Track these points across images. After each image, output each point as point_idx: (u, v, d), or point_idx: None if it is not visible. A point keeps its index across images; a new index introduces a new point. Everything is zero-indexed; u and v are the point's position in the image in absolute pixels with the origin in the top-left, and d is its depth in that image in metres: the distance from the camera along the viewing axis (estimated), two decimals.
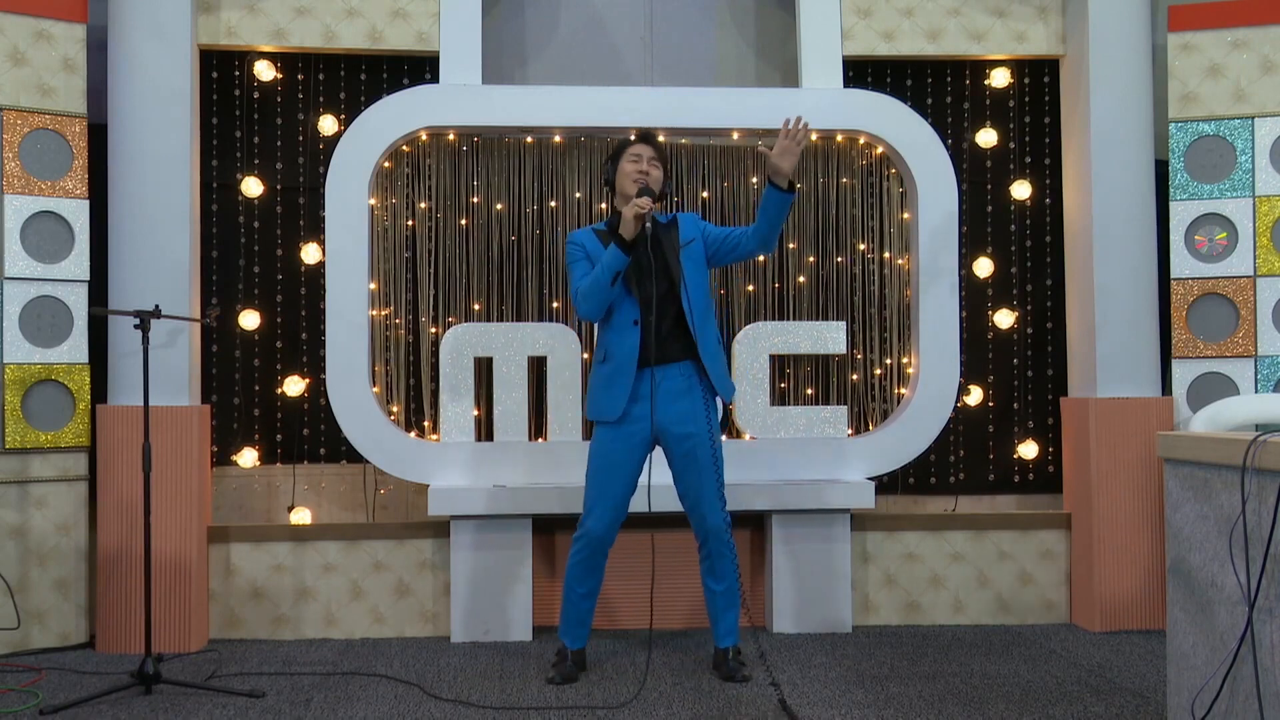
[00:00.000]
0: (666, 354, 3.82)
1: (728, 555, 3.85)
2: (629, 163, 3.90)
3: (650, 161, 3.89)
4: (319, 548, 4.60)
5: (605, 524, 3.82)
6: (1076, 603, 4.76)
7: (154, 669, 3.70)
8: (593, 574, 3.88)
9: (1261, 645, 2.54)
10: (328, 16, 4.67)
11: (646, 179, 3.84)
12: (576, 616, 3.93)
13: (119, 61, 4.42)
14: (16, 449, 4.27)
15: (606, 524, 3.83)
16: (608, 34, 5.12)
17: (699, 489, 3.81)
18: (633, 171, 3.87)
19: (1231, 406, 4.39)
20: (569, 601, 3.93)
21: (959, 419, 4.93)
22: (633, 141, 3.95)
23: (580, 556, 3.86)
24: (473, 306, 4.84)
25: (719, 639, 3.92)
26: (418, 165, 4.84)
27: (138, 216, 4.38)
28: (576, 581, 3.89)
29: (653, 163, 3.89)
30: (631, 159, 3.90)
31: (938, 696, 3.66)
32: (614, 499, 3.82)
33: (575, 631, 3.93)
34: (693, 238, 3.91)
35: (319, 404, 4.74)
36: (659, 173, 3.90)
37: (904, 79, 5.02)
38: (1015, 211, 5.06)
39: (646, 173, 3.86)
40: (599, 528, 3.82)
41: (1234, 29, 4.66)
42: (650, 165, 3.88)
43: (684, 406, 3.82)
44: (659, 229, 3.87)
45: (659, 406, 3.80)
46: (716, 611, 3.91)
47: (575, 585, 3.90)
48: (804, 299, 4.96)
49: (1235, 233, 4.63)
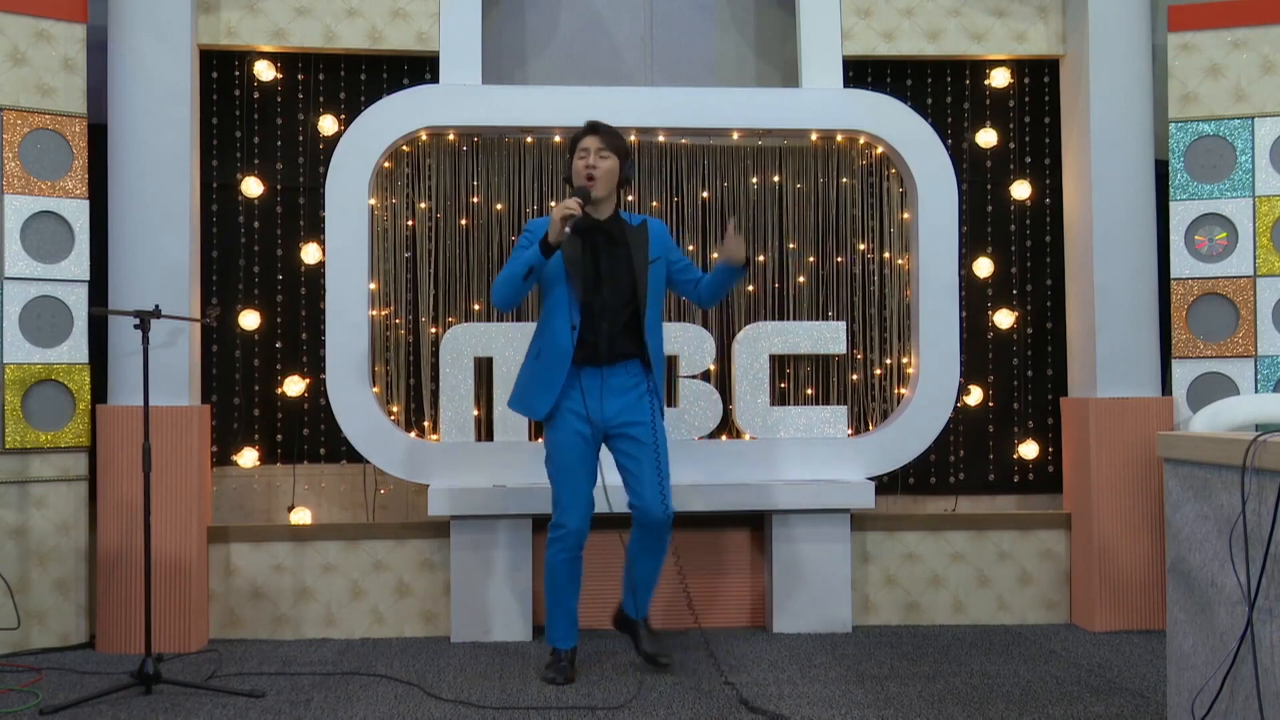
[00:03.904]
0: (615, 353, 3.81)
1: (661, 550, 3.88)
2: (578, 159, 3.82)
3: (598, 154, 3.79)
4: (319, 548, 4.60)
5: (580, 518, 3.80)
6: (1076, 603, 4.76)
7: (154, 669, 3.70)
8: (576, 571, 3.86)
9: (1261, 645, 2.54)
10: (328, 16, 4.67)
11: (594, 173, 3.76)
12: (566, 618, 3.89)
13: (119, 61, 4.42)
14: (16, 449, 4.27)
15: (580, 518, 3.80)
16: (608, 34, 5.12)
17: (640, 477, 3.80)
18: (581, 168, 3.79)
19: (1231, 406, 4.39)
20: (556, 603, 3.88)
21: (959, 419, 4.93)
22: (585, 133, 3.83)
23: (563, 556, 3.82)
24: (473, 306, 4.83)
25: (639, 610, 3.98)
26: (418, 165, 4.84)
27: (138, 216, 4.38)
28: (566, 580, 3.85)
29: (600, 154, 3.79)
30: (580, 154, 3.82)
31: (938, 696, 3.66)
32: (583, 493, 3.81)
33: (567, 633, 3.90)
34: (658, 257, 3.88)
35: (319, 404, 4.74)
36: (610, 162, 3.79)
37: (904, 79, 5.02)
38: (1015, 211, 5.06)
39: (594, 166, 3.77)
40: (574, 522, 3.79)
41: (1234, 29, 4.66)
42: (598, 158, 3.78)
43: (629, 400, 3.83)
44: (627, 230, 3.84)
45: (603, 403, 3.80)
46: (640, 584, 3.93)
47: (564, 585, 3.86)
48: (804, 299, 4.95)
49: (1235, 233, 4.63)
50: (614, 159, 3.81)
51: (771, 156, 4.97)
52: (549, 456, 3.86)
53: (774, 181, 4.96)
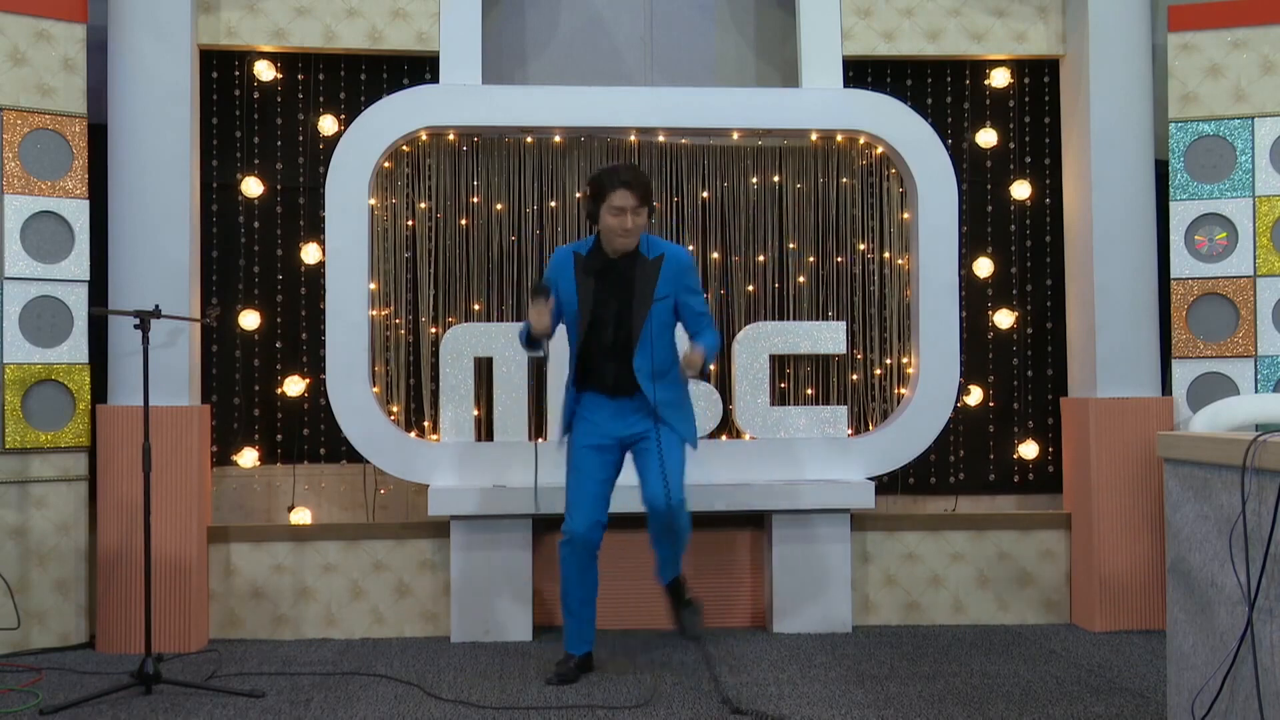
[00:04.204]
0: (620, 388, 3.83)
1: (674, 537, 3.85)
2: (611, 216, 3.72)
3: (634, 214, 3.72)
4: (319, 548, 4.60)
5: (584, 522, 3.80)
6: (1076, 603, 4.76)
7: (154, 669, 3.70)
8: (588, 578, 3.85)
9: (1261, 645, 2.54)
10: (328, 16, 4.67)
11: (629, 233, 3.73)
12: (575, 623, 3.90)
13: (119, 61, 4.42)
14: (16, 449, 4.27)
15: (585, 522, 3.80)
16: (608, 34, 5.12)
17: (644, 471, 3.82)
18: (617, 227, 3.73)
19: (1231, 406, 4.39)
20: (566, 608, 3.89)
21: (959, 419, 4.93)
22: (616, 185, 3.72)
23: (570, 561, 3.83)
24: (473, 306, 4.83)
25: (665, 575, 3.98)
26: (418, 165, 4.84)
27: (138, 216, 4.38)
28: (575, 585, 3.85)
29: (635, 214, 3.72)
30: (614, 212, 3.72)
31: (938, 696, 3.66)
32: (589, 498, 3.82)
33: (577, 638, 3.91)
34: (666, 295, 3.82)
35: (319, 404, 4.74)
36: (643, 219, 3.76)
37: (904, 79, 5.02)
38: (1015, 211, 5.06)
39: (630, 230, 3.73)
40: (579, 526, 3.80)
41: (1234, 29, 4.66)
42: (634, 217, 3.72)
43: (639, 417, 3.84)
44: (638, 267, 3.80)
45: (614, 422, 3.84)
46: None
47: (572, 589, 3.86)
48: (804, 299, 4.95)
49: (1235, 233, 4.63)
50: (644, 218, 3.78)
51: (771, 156, 4.97)
52: (566, 462, 3.90)
53: (774, 181, 4.96)
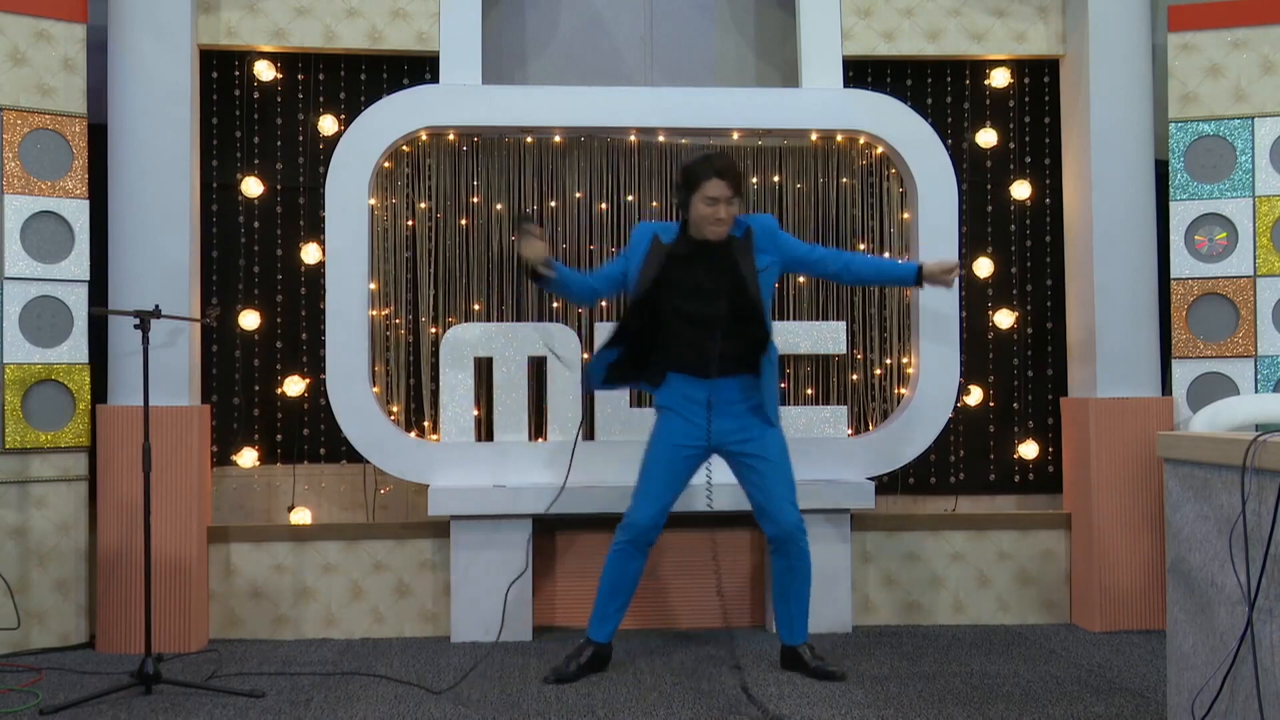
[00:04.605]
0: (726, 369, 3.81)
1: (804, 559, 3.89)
2: (705, 205, 3.72)
3: (728, 204, 3.72)
4: (319, 548, 4.60)
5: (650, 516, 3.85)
6: (1076, 603, 4.76)
7: (154, 669, 3.70)
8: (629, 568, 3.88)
9: (1261, 645, 2.54)
10: (328, 16, 4.67)
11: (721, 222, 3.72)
12: (600, 610, 3.94)
13: (119, 61, 4.42)
14: (16, 449, 4.27)
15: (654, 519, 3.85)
16: (608, 34, 5.12)
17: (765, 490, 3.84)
18: (710, 216, 3.72)
19: (1231, 406, 4.39)
20: (599, 593, 3.94)
21: (959, 419, 4.93)
22: (710, 175, 3.70)
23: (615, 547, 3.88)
24: (473, 306, 4.84)
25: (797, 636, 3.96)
26: (418, 165, 4.84)
27: (138, 216, 4.38)
28: (615, 574, 3.89)
29: (729, 204, 3.72)
30: (707, 202, 3.71)
31: (938, 696, 3.66)
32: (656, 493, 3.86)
33: (599, 625, 3.94)
34: (770, 264, 3.85)
35: (319, 404, 4.74)
36: (735, 209, 3.76)
37: (904, 79, 5.02)
38: (1015, 211, 5.06)
39: (724, 219, 3.73)
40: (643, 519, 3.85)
41: (1234, 29, 4.66)
42: (727, 208, 3.72)
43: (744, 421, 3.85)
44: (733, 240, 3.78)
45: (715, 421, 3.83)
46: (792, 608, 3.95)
47: (607, 574, 3.90)
48: (804, 299, 4.95)
49: (1235, 233, 4.63)
50: (737, 207, 3.79)
51: (771, 156, 4.97)
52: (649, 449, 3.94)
53: (774, 181, 4.96)
